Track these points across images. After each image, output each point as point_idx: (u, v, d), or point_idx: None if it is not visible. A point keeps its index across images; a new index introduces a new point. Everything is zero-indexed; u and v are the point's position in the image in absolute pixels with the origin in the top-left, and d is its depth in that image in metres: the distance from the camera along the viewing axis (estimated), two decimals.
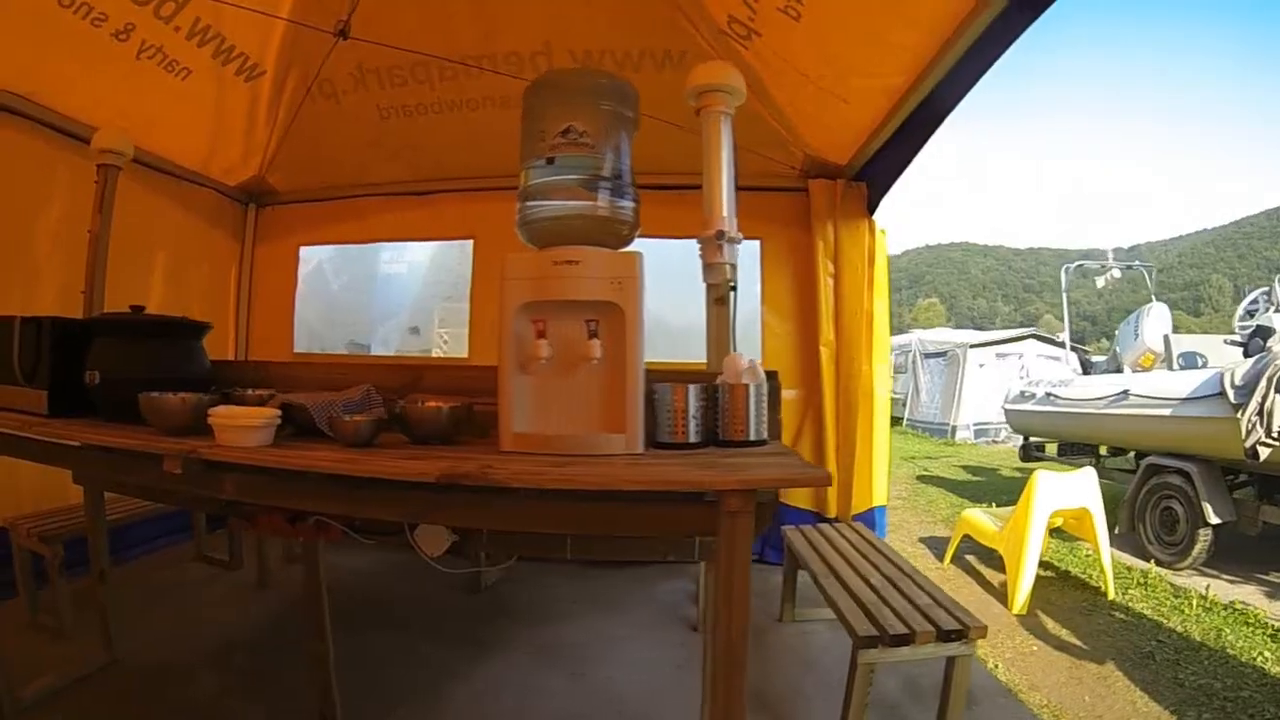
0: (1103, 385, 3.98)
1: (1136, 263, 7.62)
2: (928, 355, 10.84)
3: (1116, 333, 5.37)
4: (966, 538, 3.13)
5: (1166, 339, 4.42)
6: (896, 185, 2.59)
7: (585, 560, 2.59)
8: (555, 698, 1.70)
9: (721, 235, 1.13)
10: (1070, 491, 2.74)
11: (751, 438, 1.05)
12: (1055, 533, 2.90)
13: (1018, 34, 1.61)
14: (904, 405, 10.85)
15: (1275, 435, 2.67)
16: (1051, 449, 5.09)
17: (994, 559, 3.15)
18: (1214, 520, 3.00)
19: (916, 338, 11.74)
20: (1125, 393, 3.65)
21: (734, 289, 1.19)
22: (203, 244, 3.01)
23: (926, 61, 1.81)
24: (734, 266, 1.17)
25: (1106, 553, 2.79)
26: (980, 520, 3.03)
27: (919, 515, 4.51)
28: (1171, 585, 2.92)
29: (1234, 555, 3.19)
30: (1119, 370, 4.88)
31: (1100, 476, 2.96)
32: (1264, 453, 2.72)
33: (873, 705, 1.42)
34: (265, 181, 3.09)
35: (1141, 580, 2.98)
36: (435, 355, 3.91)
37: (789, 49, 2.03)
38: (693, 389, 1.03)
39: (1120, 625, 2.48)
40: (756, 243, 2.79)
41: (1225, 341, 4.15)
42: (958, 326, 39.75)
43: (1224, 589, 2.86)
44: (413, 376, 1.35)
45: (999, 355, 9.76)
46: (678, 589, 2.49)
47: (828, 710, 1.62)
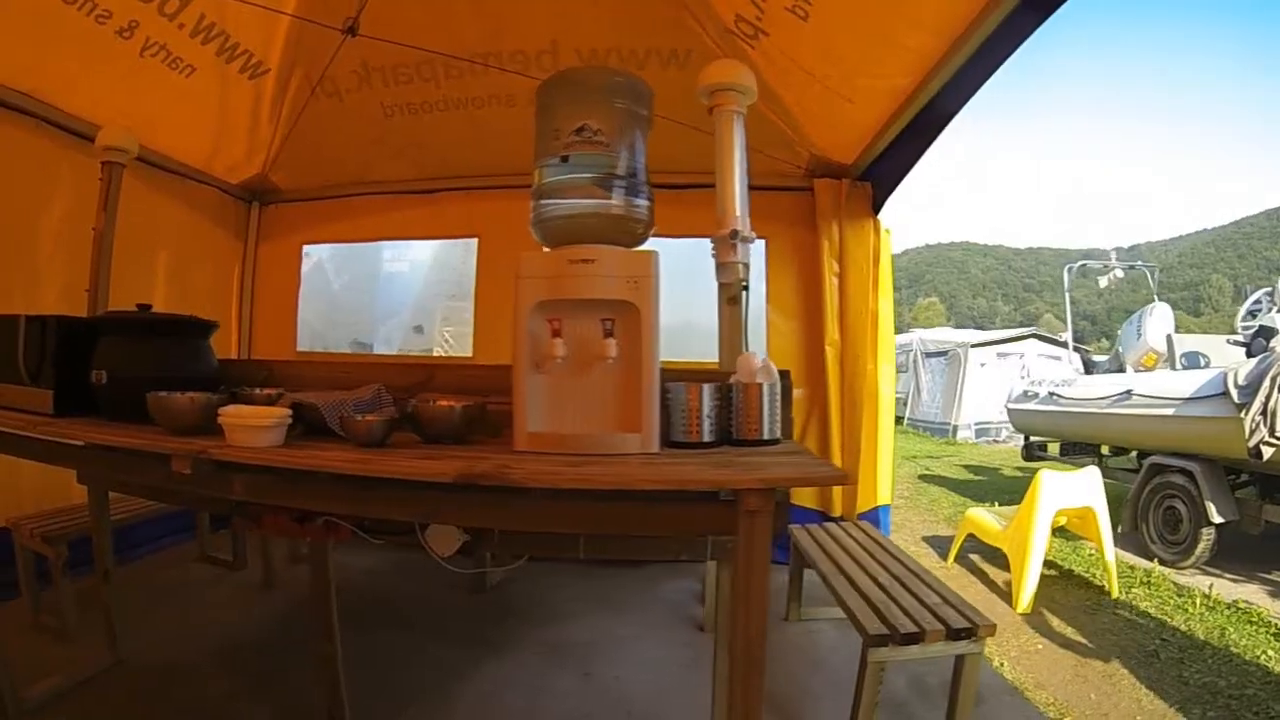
0: (1106, 385, 3.99)
1: (1139, 262, 7.63)
2: (929, 355, 10.85)
3: (1119, 332, 5.38)
4: (969, 537, 3.14)
5: (1169, 339, 4.43)
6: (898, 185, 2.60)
7: (590, 559, 2.59)
8: (564, 698, 1.69)
9: (735, 234, 1.13)
10: (1074, 491, 2.75)
11: (765, 437, 1.05)
12: (1058, 532, 2.90)
13: (1025, 35, 1.60)
14: (905, 404, 10.86)
15: (1278, 435, 2.68)
16: (1054, 449, 5.10)
17: (997, 558, 3.16)
18: (1217, 519, 3.01)
19: (917, 337, 11.75)
20: (1128, 392, 3.65)
21: (746, 288, 1.19)
22: (206, 242, 3.00)
23: (933, 62, 1.80)
24: (747, 266, 1.17)
25: (1110, 552, 2.80)
26: (984, 519, 3.03)
27: (921, 514, 4.52)
28: (1175, 584, 2.93)
29: (1237, 554, 3.19)
30: (1121, 370, 4.88)
31: (1103, 476, 2.97)
32: (1267, 452, 2.73)
33: (881, 704, 1.42)
34: (268, 180, 3.08)
35: (1145, 579, 2.99)
36: (438, 354, 3.91)
37: (796, 48, 2.03)
38: (707, 388, 1.03)
39: (1124, 624, 2.49)
40: (761, 242, 2.80)
41: (1228, 341, 4.16)
42: (958, 326, 39.76)
43: (1227, 588, 2.87)
44: (422, 375, 1.35)
45: (1000, 355, 9.77)
46: (683, 588, 2.49)
47: (836, 709, 1.62)
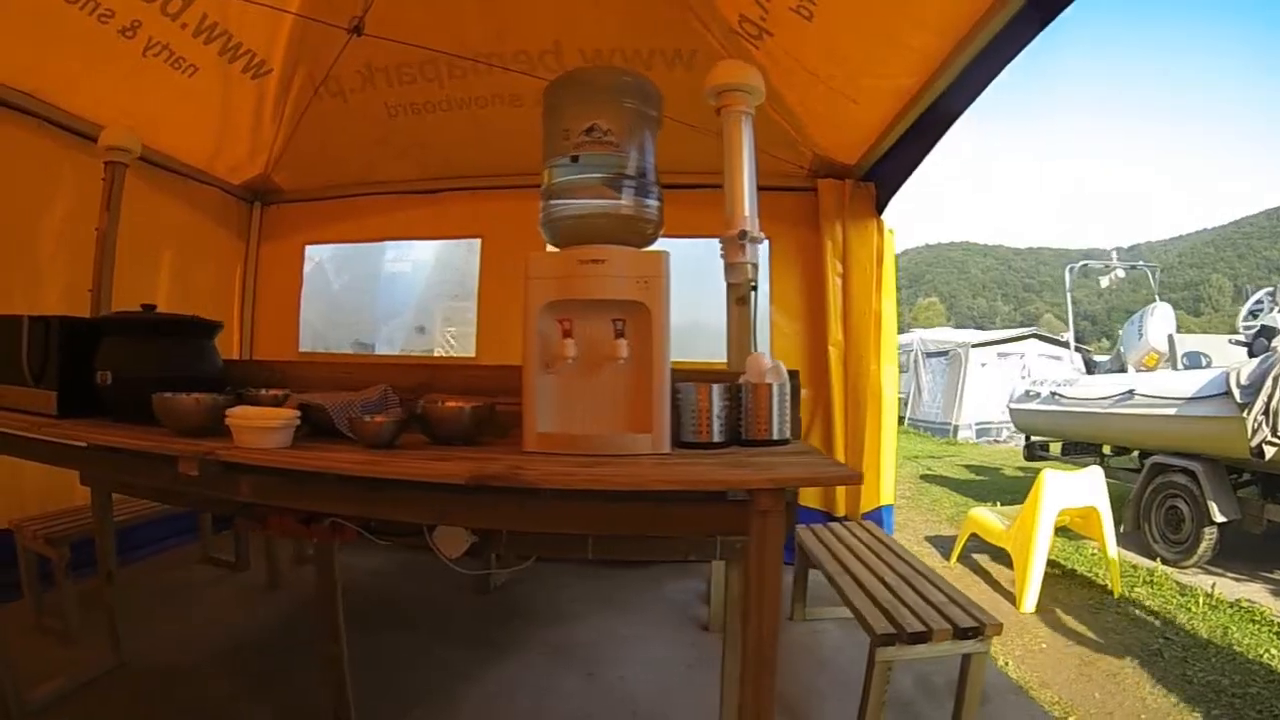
0: (1108, 385, 3.99)
1: (1140, 263, 7.64)
2: (929, 355, 10.85)
3: (1120, 332, 5.39)
4: (972, 536, 3.14)
5: (1171, 339, 4.43)
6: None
7: (593, 559, 2.58)
8: (569, 698, 1.69)
9: (744, 235, 1.13)
10: (1077, 490, 2.75)
11: (775, 437, 1.05)
12: (1060, 531, 2.91)
13: (1031, 36, 1.61)
14: (906, 405, 10.87)
15: None
16: (1055, 448, 5.11)
17: (1000, 558, 3.16)
18: (1219, 519, 3.01)
19: (918, 337, 11.75)
20: (1131, 392, 3.66)
21: (755, 288, 1.19)
22: (208, 242, 2.99)
23: (938, 63, 1.81)
24: (756, 266, 1.17)
25: (1113, 551, 2.80)
26: (988, 519, 3.03)
27: (924, 514, 4.52)
28: (1177, 583, 2.93)
29: (1239, 554, 3.20)
30: (1123, 370, 4.89)
31: (1105, 475, 2.97)
32: (1269, 452, 2.74)
33: (888, 703, 1.42)
34: (271, 180, 3.07)
35: (1148, 578, 2.99)
36: (439, 355, 3.90)
37: (800, 49, 2.03)
38: (716, 388, 1.03)
39: (1128, 623, 2.49)
40: (765, 243, 2.79)
41: (1230, 341, 4.17)
42: (958, 326, 39.76)
43: (1230, 587, 2.87)
44: (429, 376, 1.35)
45: (1000, 355, 9.78)
46: (687, 588, 2.49)
47: (841, 708, 1.62)
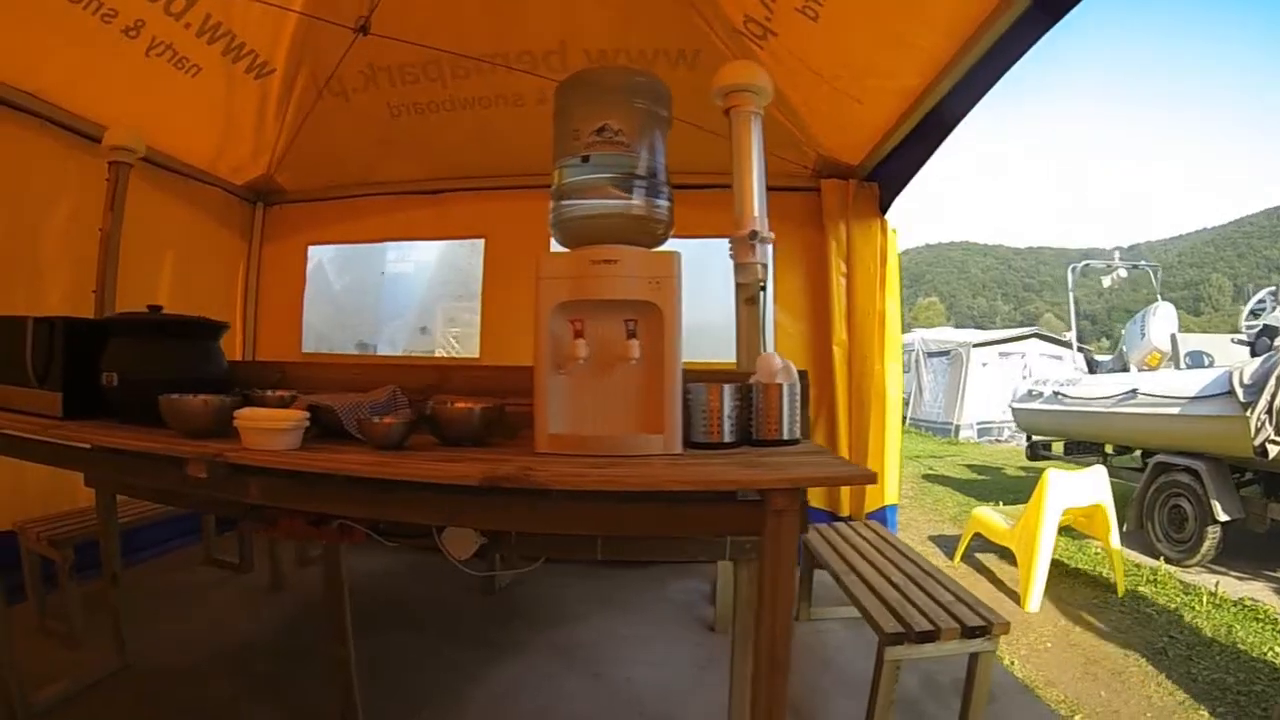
0: (1111, 384, 4.00)
1: (1143, 262, 7.65)
2: (930, 354, 10.86)
3: (1123, 332, 5.40)
4: (975, 535, 3.14)
5: (1173, 338, 4.44)
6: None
7: (598, 560, 2.58)
8: (576, 699, 1.69)
9: (754, 235, 1.12)
10: (1081, 489, 2.76)
11: (785, 437, 1.05)
12: (1063, 530, 2.91)
13: (1036, 38, 1.60)
14: (907, 404, 10.87)
15: None
16: (1058, 448, 5.11)
17: (1003, 557, 3.17)
18: (1223, 517, 3.02)
19: (919, 337, 11.76)
20: (1134, 392, 3.66)
21: (764, 288, 1.18)
22: (210, 243, 2.98)
23: (944, 63, 1.80)
24: (765, 266, 1.17)
25: (1117, 550, 2.80)
26: (991, 519, 3.04)
27: (927, 514, 4.52)
28: (1181, 582, 2.94)
29: (1242, 552, 3.20)
30: (1125, 369, 4.90)
31: (1108, 475, 2.97)
32: (1273, 450, 2.74)
33: (895, 702, 1.42)
34: (274, 180, 3.06)
35: (1151, 577, 3.00)
36: (439, 355, 3.89)
37: (805, 49, 2.02)
38: (728, 389, 1.03)
39: (1132, 621, 2.49)
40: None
41: (1232, 341, 4.18)
42: (958, 326, 39.77)
43: (1233, 586, 2.87)
44: (436, 377, 1.34)
45: (1002, 354, 9.80)
46: (691, 588, 2.49)
47: (847, 707, 1.62)
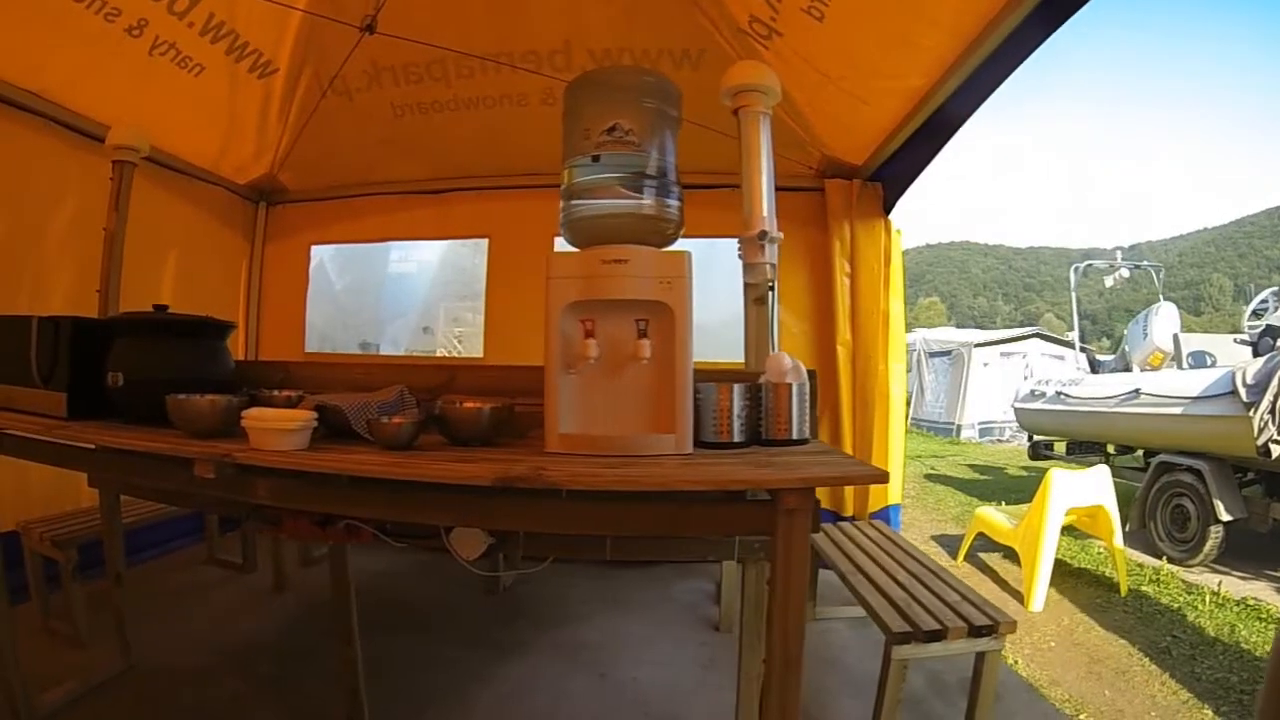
0: (1114, 384, 4.00)
1: (1145, 262, 7.66)
2: (932, 354, 10.87)
3: (1125, 332, 5.40)
4: (978, 535, 3.14)
5: (1176, 338, 4.44)
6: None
7: (601, 560, 2.58)
8: (582, 699, 1.69)
9: (764, 235, 1.12)
10: (1084, 489, 2.76)
11: (794, 436, 1.05)
12: (1066, 530, 2.91)
13: (1042, 39, 1.60)
14: (909, 404, 10.86)
15: None
16: (1060, 448, 5.12)
17: (1006, 557, 3.17)
18: (1225, 517, 3.02)
19: (921, 337, 11.76)
20: (1137, 391, 3.67)
21: (773, 288, 1.18)
22: (213, 242, 2.98)
23: (949, 64, 1.80)
24: (774, 266, 1.17)
25: (1121, 549, 2.80)
26: (995, 518, 3.04)
27: (929, 514, 4.52)
28: (1184, 582, 2.94)
29: (1244, 552, 3.21)
30: (1127, 369, 4.91)
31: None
32: (1276, 450, 2.75)
33: (901, 701, 1.42)
34: (276, 179, 3.06)
35: (1154, 577, 3.00)
36: (442, 355, 3.88)
37: (810, 49, 2.02)
38: (737, 388, 1.02)
39: (1135, 621, 2.50)
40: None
41: (1235, 341, 4.19)
42: (959, 325, 39.76)
43: (1236, 585, 2.88)
44: (444, 377, 1.34)
45: (1003, 354, 9.80)
46: (695, 589, 2.49)
47: (853, 707, 1.63)
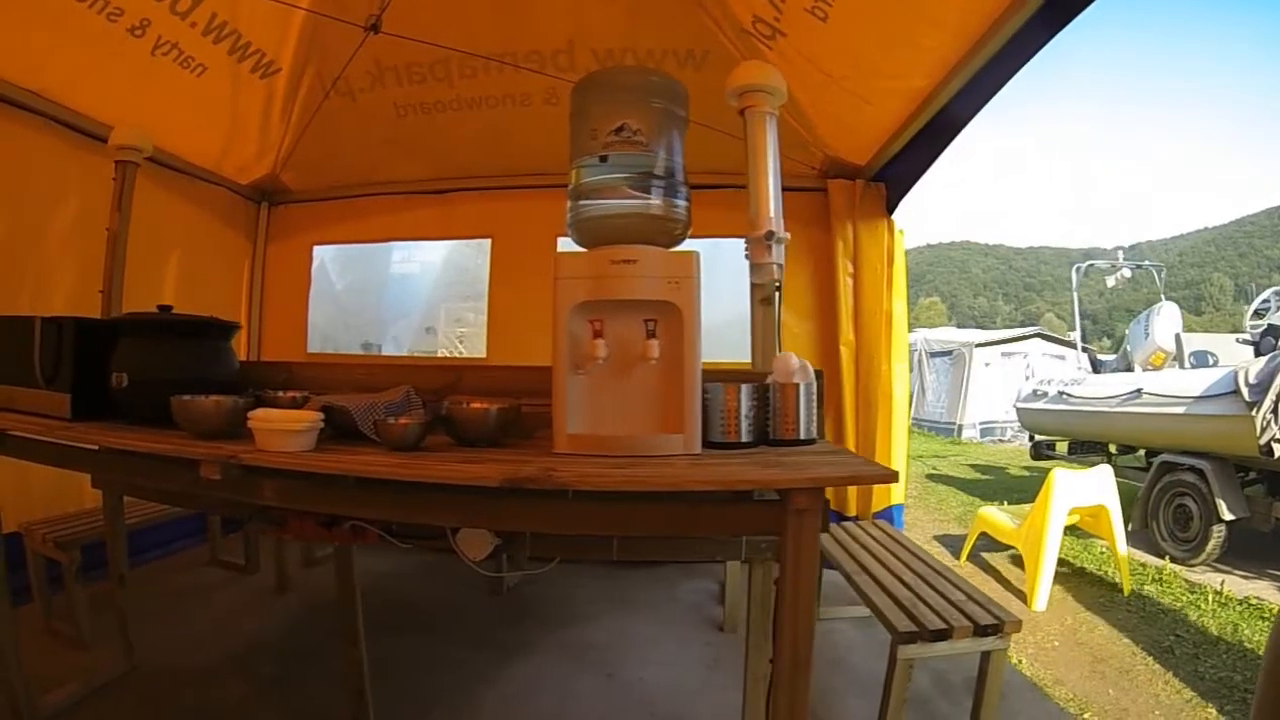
0: (1116, 384, 4.01)
1: (1147, 262, 7.67)
2: (933, 354, 10.87)
3: (1127, 332, 5.41)
4: (981, 535, 3.14)
5: (1178, 338, 4.45)
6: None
7: (604, 560, 2.58)
8: (588, 700, 1.69)
9: (771, 235, 1.12)
10: (1087, 489, 2.76)
11: (802, 436, 1.05)
12: (1068, 530, 2.91)
13: (1046, 39, 1.60)
14: (910, 404, 10.86)
15: None
16: (1061, 448, 5.12)
17: (1009, 557, 3.17)
18: (1228, 516, 3.03)
19: (922, 337, 11.77)
20: (1139, 391, 3.67)
21: (779, 288, 1.18)
22: (215, 243, 2.97)
23: (952, 64, 1.80)
24: (781, 266, 1.16)
25: (1123, 549, 2.80)
26: (998, 518, 3.04)
27: (931, 514, 4.53)
28: (1186, 581, 2.95)
29: (1247, 551, 3.21)
30: (1129, 369, 4.91)
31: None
32: (1278, 450, 2.75)
33: (907, 701, 1.42)
34: (279, 180, 3.05)
35: (1156, 576, 3.00)
36: (443, 355, 3.88)
37: (814, 49, 2.02)
38: (745, 388, 1.02)
39: (1138, 620, 2.50)
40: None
41: (1237, 340, 4.19)
42: (959, 325, 39.74)
43: (1238, 584, 2.88)
44: (450, 377, 1.34)
45: (1004, 354, 9.81)
46: (699, 589, 2.49)
47: (858, 706, 1.63)
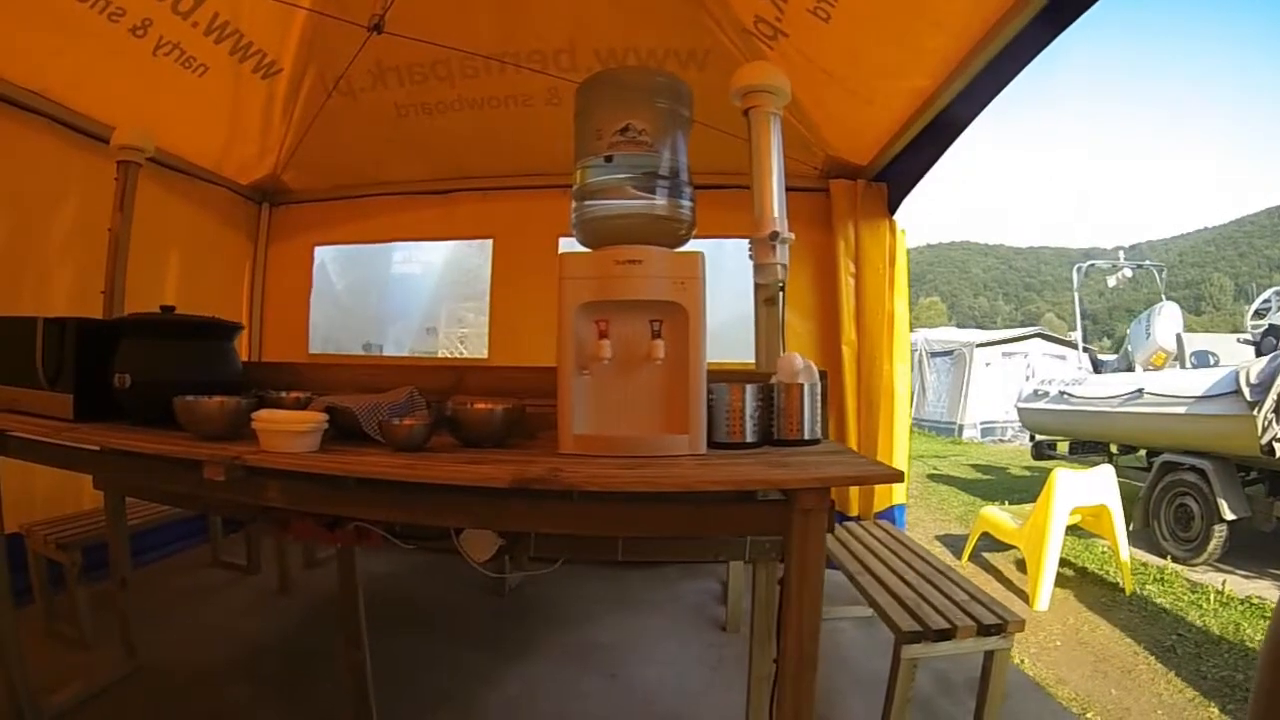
0: (1117, 384, 4.02)
1: (1148, 262, 7.69)
2: (934, 354, 10.88)
3: (1128, 332, 5.42)
4: (982, 535, 3.14)
5: (1179, 338, 4.45)
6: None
7: (609, 560, 2.57)
8: (592, 700, 1.69)
9: (775, 236, 1.12)
10: (1089, 489, 2.76)
11: (806, 436, 1.05)
12: (1070, 529, 2.92)
13: (1048, 41, 1.60)
14: (911, 404, 10.87)
15: None
16: (1062, 448, 5.12)
17: (1011, 557, 3.17)
18: (1229, 516, 3.03)
19: (922, 336, 11.79)
20: (1140, 391, 3.68)
21: (783, 289, 1.18)
22: (216, 243, 2.97)
23: (955, 64, 1.80)
24: (785, 267, 1.16)
25: (1125, 549, 2.81)
26: (1000, 518, 3.04)
27: (933, 513, 4.53)
28: (1188, 580, 2.95)
29: (1248, 551, 3.22)
30: (1130, 369, 4.92)
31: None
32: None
33: (911, 700, 1.42)
34: (280, 180, 3.05)
35: (1158, 576, 3.01)
36: (443, 356, 3.88)
37: (816, 49, 2.02)
38: (749, 389, 1.02)
39: (1140, 620, 2.50)
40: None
41: (1238, 340, 4.20)
42: (960, 325, 39.73)
43: (1239, 584, 2.88)
44: (453, 378, 1.34)
45: (1005, 354, 9.82)
46: (701, 589, 2.49)
47: (861, 706, 1.63)
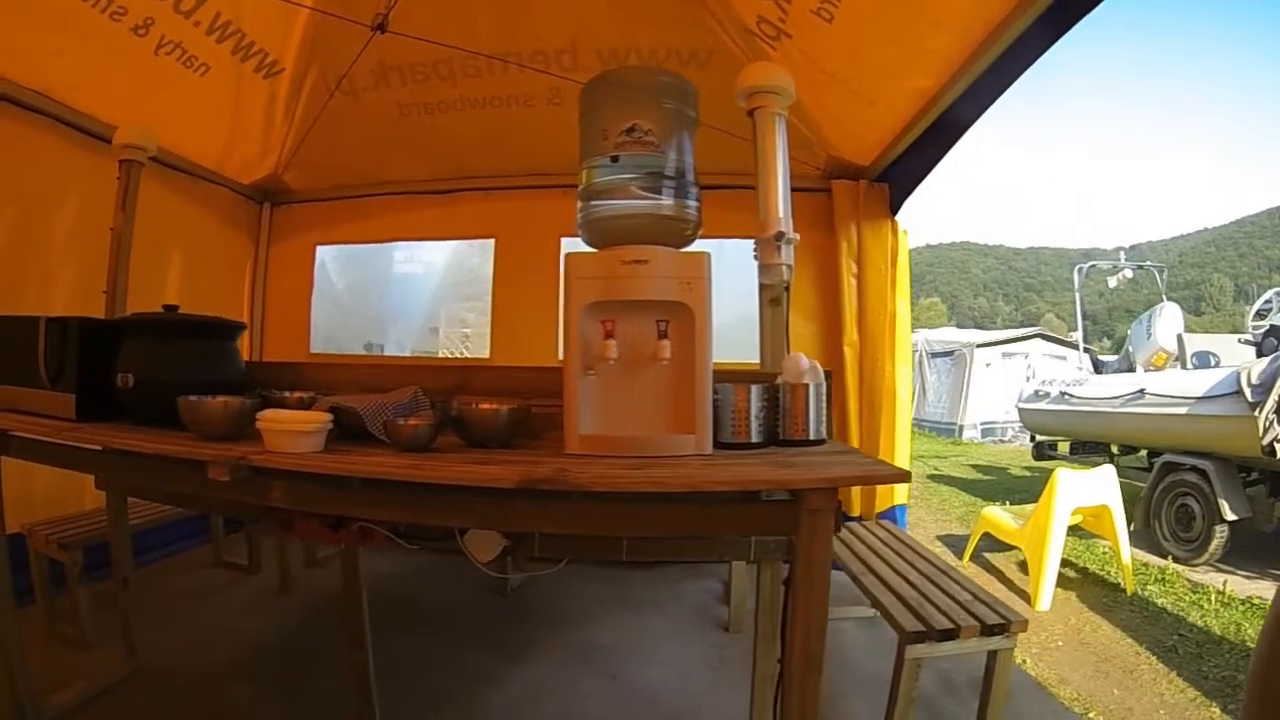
0: (1118, 384, 4.02)
1: (1148, 262, 7.70)
2: (934, 355, 10.89)
3: (1129, 332, 5.43)
4: (983, 535, 3.14)
5: (1180, 338, 4.46)
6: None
7: (607, 560, 2.57)
8: (594, 701, 1.68)
9: (780, 236, 1.12)
10: (1090, 489, 2.77)
11: (812, 437, 1.05)
12: (1071, 530, 2.92)
13: (1050, 42, 1.61)
14: (911, 404, 10.87)
15: None
16: (1063, 448, 5.13)
17: (1012, 557, 3.17)
18: (1230, 516, 3.03)
19: (923, 337, 11.80)
20: (1141, 392, 3.68)
21: (788, 289, 1.18)
22: (217, 243, 2.97)
23: (957, 65, 1.80)
24: (790, 267, 1.16)
25: (1126, 549, 2.81)
26: (1001, 518, 3.04)
27: (934, 514, 4.53)
28: (1189, 581, 2.95)
29: (1249, 551, 3.22)
30: (1131, 369, 4.93)
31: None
32: None
33: (915, 700, 1.42)
34: (281, 180, 3.05)
35: (1159, 576, 3.01)
36: (444, 356, 3.88)
37: (819, 50, 2.02)
38: (755, 389, 1.02)
39: (1141, 620, 2.50)
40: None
41: (1239, 341, 4.21)
42: (960, 326, 39.79)
43: (1240, 584, 2.88)
44: (458, 378, 1.33)
45: (1005, 355, 9.83)
46: (703, 589, 2.49)
47: (863, 706, 1.62)
